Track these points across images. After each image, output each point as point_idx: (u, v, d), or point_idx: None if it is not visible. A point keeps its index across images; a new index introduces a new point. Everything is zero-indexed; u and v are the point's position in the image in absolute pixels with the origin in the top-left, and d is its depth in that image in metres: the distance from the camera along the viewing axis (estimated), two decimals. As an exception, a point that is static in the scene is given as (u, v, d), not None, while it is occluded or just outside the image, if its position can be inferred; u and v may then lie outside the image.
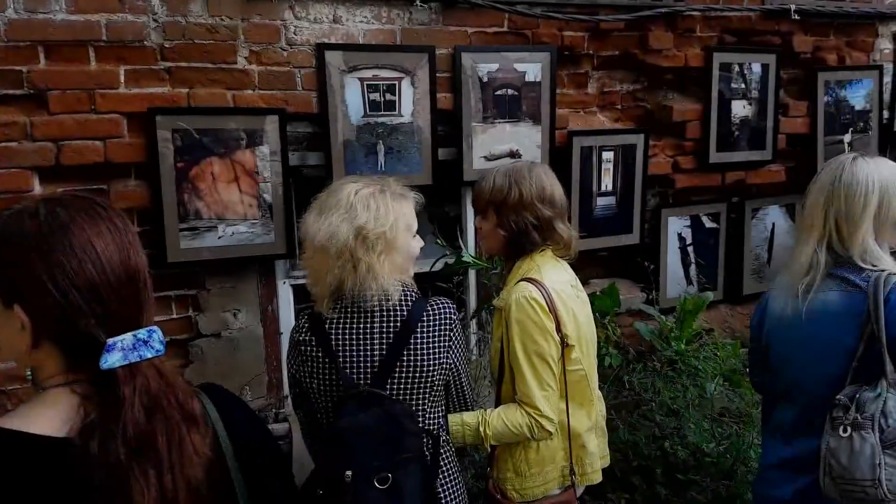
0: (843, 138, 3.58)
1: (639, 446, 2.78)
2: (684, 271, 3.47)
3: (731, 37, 3.39)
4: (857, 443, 1.50)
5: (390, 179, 1.68)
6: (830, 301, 1.60)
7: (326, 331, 1.56)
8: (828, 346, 1.61)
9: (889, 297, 1.53)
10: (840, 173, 1.64)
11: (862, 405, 1.52)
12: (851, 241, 1.60)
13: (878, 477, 1.48)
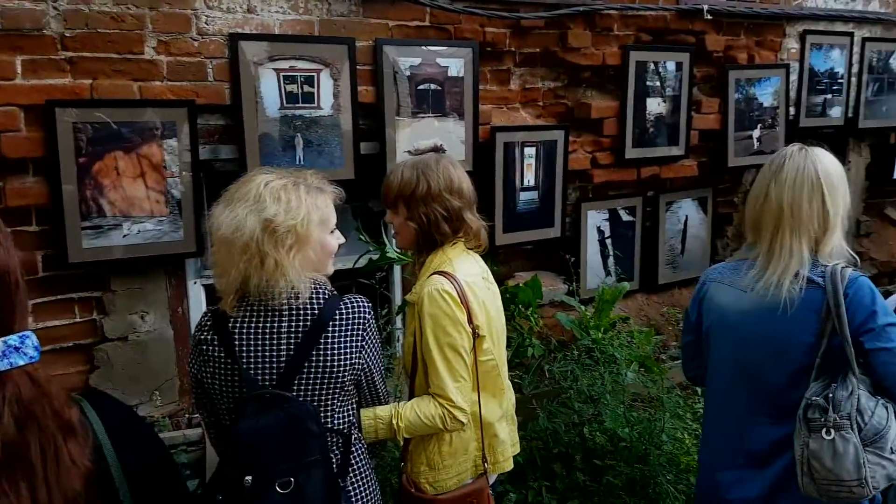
0: (752, 134, 3.75)
1: (559, 434, 2.84)
2: (603, 263, 3.57)
3: (647, 35, 3.49)
4: (839, 444, 1.51)
5: (308, 172, 1.64)
6: (790, 298, 1.60)
7: (230, 330, 1.51)
8: (787, 342, 1.62)
9: (847, 291, 1.55)
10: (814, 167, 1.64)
11: (838, 405, 1.53)
12: (829, 237, 1.62)
13: (863, 476, 1.50)
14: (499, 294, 1.98)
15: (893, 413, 1.53)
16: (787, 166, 1.66)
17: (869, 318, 1.53)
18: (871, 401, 1.52)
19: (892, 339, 1.53)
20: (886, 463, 1.50)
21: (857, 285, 1.56)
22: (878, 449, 1.50)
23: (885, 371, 1.54)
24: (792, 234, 1.62)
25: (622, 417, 2.78)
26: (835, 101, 4.07)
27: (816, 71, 3.96)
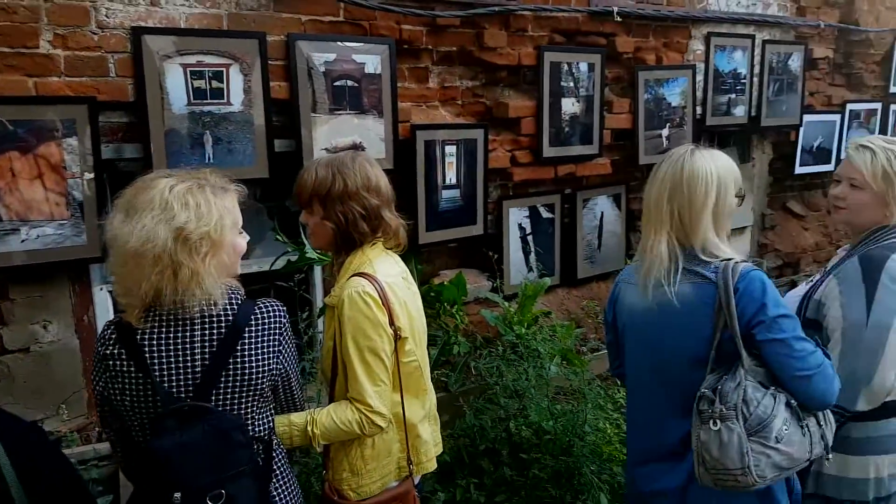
0: (661, 133, 3.89)
1: (485, 430, 2.85)
2: (525, 259, 3.62)
3: (561, 37, 3.57)
4: (724, 434, 1.56)
5: (207, 171, 1.55)
6: (683, 294, 1.64)
7: (138, 342, 1.43)
8: (685, 337, 1.66)
9: (738, 286, 1.59)
10: (680, 167, 1.68)
11: (725, 396, 1.57)
12: (694, 233, 1.66)
13: (747, 465, 1.54)
14: (419, 294, 1.96)
15: (784, 403, 1.57)
16: (662, 167, 1.72)
17: (759, 310, 1.57)
18: (758, 392, 1.56)
19: (784, 329, 1.57)
20: (771, 452, 1.54)
21: (748, 279, 1.59)
22: (763, 438, 1.54)
23: (776, 361, 1.58)
24: (656, 233, 1.68)
25: (546, 411, 2.81)
26: (738, 100, 4.28)
27: (721, 72, 4.15)
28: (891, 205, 1.85)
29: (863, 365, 1.75)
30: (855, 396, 1.77)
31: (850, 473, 1.88)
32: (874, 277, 1.76)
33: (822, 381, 1.58)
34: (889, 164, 1.82)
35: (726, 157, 1.74)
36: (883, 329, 1.74)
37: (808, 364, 1.57)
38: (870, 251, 1.83)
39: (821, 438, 1.62)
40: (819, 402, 1.60)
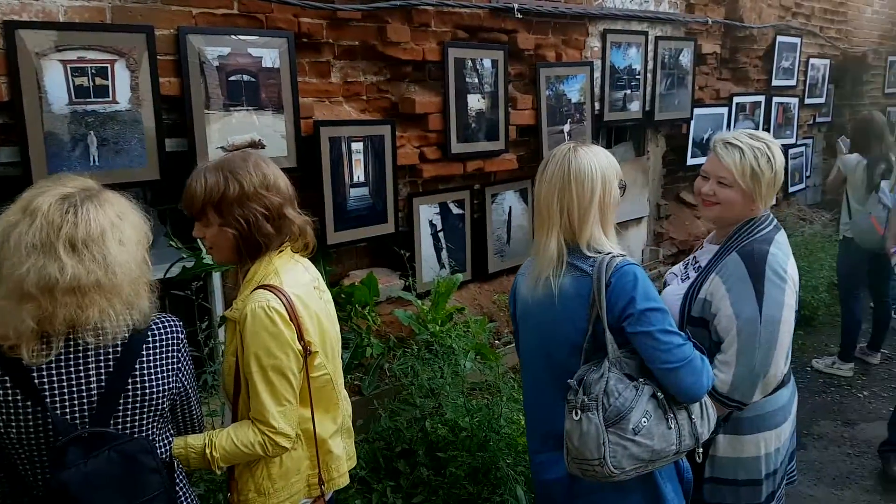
0: (563, 128, 3.97)
1: (401, 431, 2.81)
2: (437, 256, 3.60)
3: (464, 32, 3.57)
4: (584, 424, 1.59)
5: (90, 182, 1.42)
6: (565, 287, 1.70)
7: (25, 368, 1.30)
8: (565, 329, 1.71)
9: (610, 280, 1.64)
10: (567, 165, 1.72)
11: (588, 387, 1.61)
12: (582, 229, 1.70)
13: (603, 455, 1.57)
14: (332, 301, 1.88)
15: (648, 396, 1.62)
16: (549, 167, 1.75)
17: (629, 303, 1.62)
18: (620, 384, 1.61)
19: (652, 322, 1.61)
20: (628, 444, 1.58)
21: (621, 273, 1.63)
22: (620, 430, 1.58)
23: (645, 353, 1.63)
24: (547, 230, 1.72)
25: (462, 407, 2.80)
26: (634, 95, 4.43)
27: (617, 68, 4.29)
28: (758, 200, 1.92)
29: (760, 360, 1.82)
30: (753, 390, 1.85)
31: (745, 453, 1.96)
32: (759, 273, 1.83)
33: (690, 373, 1.63)
34: (756, 162, 1.89)
35: (606, 152, 1.79)
36: (775, 323, 1.82)
37: (675, 357, 1.62)
38: (748, 246, 1.89)
39: (690, 433, 1.66)
40: (687, 394, 1.65)
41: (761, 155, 1.90)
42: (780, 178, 1.94)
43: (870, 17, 7.36)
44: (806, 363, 4.91)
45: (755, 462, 1.96)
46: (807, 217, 6.81)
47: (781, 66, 5.91)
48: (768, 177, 1.90)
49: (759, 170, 1.89)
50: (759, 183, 1.90)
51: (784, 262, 1.86)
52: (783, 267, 1.84)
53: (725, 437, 1.95)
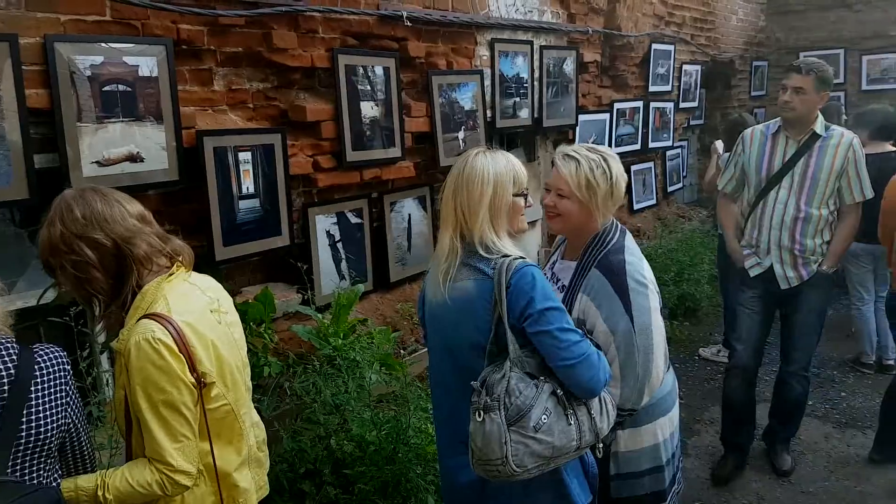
0: (458, 135, 3.99)
1: (305, 451, 2.71)
2: (336, 267, 3.52)
3: (353, 39, 3.52)
4: (487, 425, 1.61)
5: None
6: (466, 289, 1.71)
7: None
8: (469, 330, 1.72)
9: (510, 282, 1.66)
10: (463, 167, 1.78)
11: (490, 387, 1.63)
12: (472, 228, 1.73)
13: (505, 455, 1.59)
14: (238, 323, 1.78)
15: (549, 393, 1.66)
16: (452, 169, 1.82)
17: (528, 304, 1.66)
18: (521, 382, 1.64)
19: (550, 321, 1.66)
20: (530, 441, 1.61)
21: (520, 274, 1.66)
22: (521, 428, 1.61)
23: (545, 352, 1.68)
24: (446, 229, 1.77)
25: (369, 421, 2.74)
26: (523, 103, 4.54)
27: (506, 76, 4.37)
28: (595, 212, 1.99)
29: (642, 367, 1.90)
30: (641, 396, 1.93)
31: (645, 443, 2.05)
32: (622, 285, 1.91)
33: (587, 369, 1.68)
34: (591, 173, 1.95)
35: (508, 159, 1.82)
36: (648, 329, 1.90)
37: (573, 353, 1.66)
38: (604, 260, 1.96)
39: (590, 428, 1.71)
40: (585, 389, 1.70)
41: (596, 167, 1.95)
42: (619, 190, 2.00)
43: (735, 25, 7.94)
44: (693, 352, 5.20)
45: (655, 450, 2.06)
46: (685, 214, 7.24)
47: (657, 73, 6.24)
48: (604, 188, 1.95)
49: (594, 181, 1.94)
50: (595, 194, 1.95)
51: (640, 267, 1.96)
52: (641, 273, 1.94)
53: (625, 431, 2.03)
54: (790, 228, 3.20)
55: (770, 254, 3.27)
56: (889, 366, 4.57)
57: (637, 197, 6.39)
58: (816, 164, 3.14)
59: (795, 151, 3.18)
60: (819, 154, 3.14)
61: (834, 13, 8.35)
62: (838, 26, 8.33)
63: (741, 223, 3.45)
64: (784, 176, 3.19)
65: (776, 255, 3.26)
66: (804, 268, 3.23)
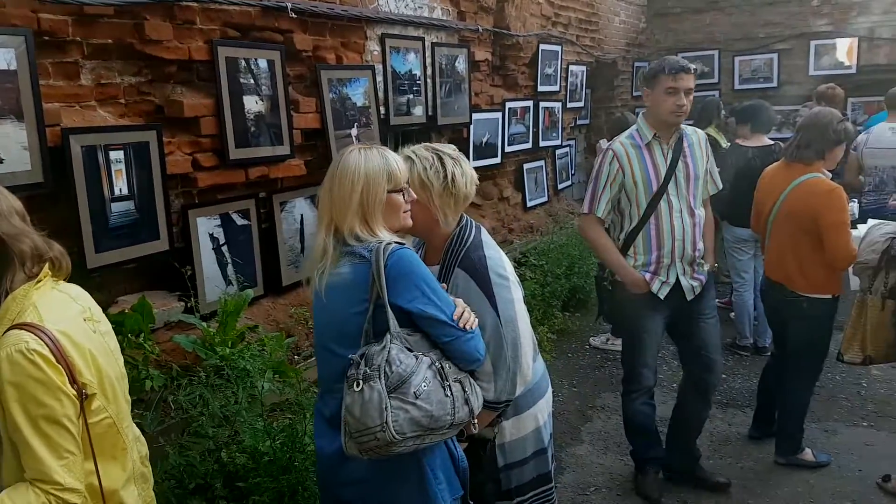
0: (350, 132, 3.91)
1: (194, 466, 2.56)
2: (222, 272, 3.34)
3: (234, 31, 3.36)
4: (366, 393, 1.62)
5: None
6: (343, 275, 1.75)
7: None
8: (346, 316, 1.75)
9: (388, 261, 1.71)
10: (337, 164, 1.82)
11: (370, 358, 1.66)
12: (343, 225, 1.77)
13: (385, 420, 1.60)
14: (111, 332, 1.66)
15: (427, 365, 1.71)
16: (330, 166, 1.86)
17: (407, 283, 1.72)
18: (402, 353, 1.69)
19: (429, 299, 1.73)
20: (409, 407, 1.65)
21: (397, 256, 1.72)
22: (402, 394, 1.64)
23: (428, 328, 1.75)
24: (321, 226, 1.82)
25: (262, 432, 2.62)
26: (416, 100, 4.51)
27: (398, 73, 4.33)
28: (436, 211, 2.00)
29: (512, 358, 1.94)
30: (514, 386, 1.96)
31: (528, 429, 2.14)
32: (485, 281, 1.95)
33: (469, 340, 1.78)
34: (425, 172, 1.98)
35: (384, 155, 1.84)
36: (513, 321, 1.95)
37: (455, 328, 1.75)
38: (465, 259, 1.99)
39: (465, 402, 1.76)
40: (469, 358, 1.80)
41: (430, 166, 1.98)
42: (460, 189, 2.00)
43: (617, 27, 8.28)
44: (584, 342, 5.38)
45: (538, 433, 2.16)
46: (575, 210, 7.47)
47: (545, 73, 6.40)
48: (437, 187, 1.98)
49: (427, 180, 1.97)
50: (430, 193, 1.98)
51: (500, 260, 2.01)
52: (502, 266, 2.00)
53: (509, 421, 2.11)
54: (691, 235, 3.08)
55: (673, 268, 3.09)
56: (765, 348, 4.89)
57: (530, 195, 6.53)
58: (693, 163, 3.08)
59: (672, 156, 3.06)
60: (690, 152, 3.09)
61: (708, 16, 8.90)
62: (712, 28, 8.89)
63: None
64: (668, 183, 3.04)
65: (679, 267, 3.09)
66: (699, 272, 3.16)
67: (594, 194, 3.12)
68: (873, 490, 3.32)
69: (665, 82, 2.96)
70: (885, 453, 3.63)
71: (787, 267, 3.33)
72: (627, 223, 3.13)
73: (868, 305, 3.16)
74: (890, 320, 3.12)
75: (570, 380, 4.74)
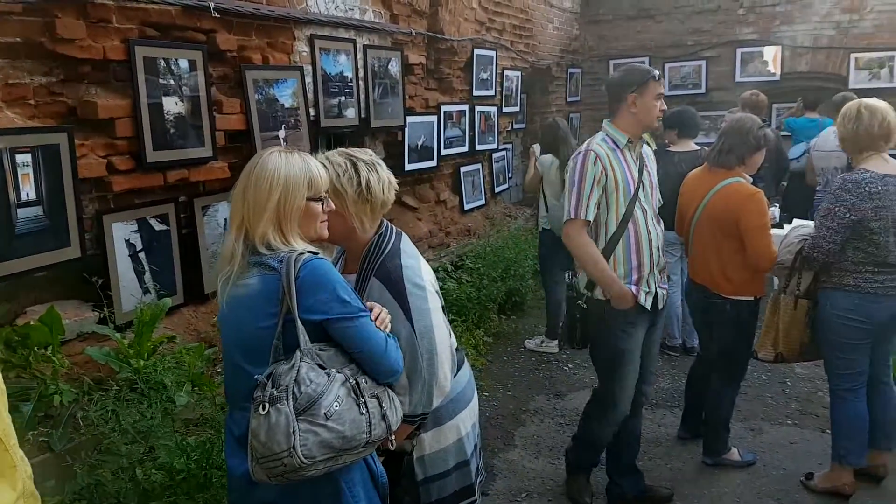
0: (278, 134, 3.81)
1: (105, 485, 2.43)
2: (139, 280, 3.20)
3: (153, 30, 3.23)
4: (272, 417, 1.54)
5: None
6: (251, 286, 1.67)
7: None
8: (253, 331, 1.67)
9: (300, 273, 1.63)
10: (255, 165, 1.73)
11: (277, 379, 1.58)
12: (256, 231, 1.69)
13: (293, 445, 1.53)
14: None
15: (340, 382, 1.63)
16: (245, 167, 1.76)
17: (321, 295, 1.65)
18: (312, 371, 1.60)
19: (346, 310, 1.66)
20: (320, 429, 1.57)
21: (310, 267, 1.65)
22: (311, 416, 1.57)
23: (345, 340, 1.68)
24: (231, 229, 1.73)
25: (177, 447, 2.51)
26: (348, 102, 4.44)
27: (329, 74, 4.25)
28: (351, 219, 1.96)
29: (428, 370, 1.89)
30: (431, 399, 1.92)
31: (449, 440, 2.06)
32: (401, 292, 1.90)
33: (392, 352, 1.73)
34: (338, 179, 1.93)
35: (306, 160, 1.77)
36: (428, 331, 1.89)
37: (373, 340, 1.70)
38: (382, 267, 1.94)
39: (382, 419, 1.70)
40: (387, 371, 1.74)
41: (343, 172, 1.95)
42: (375, 195, 1.95)
43: (551, 33, 8.39)
44: (520, 345, 5.40)
45: (459, 444, 2.08)
46: (512, 214, 7.53)
47: (481, 78, 6.42)
48: (351, 194, 1.93)
49: (340, 187, 1.93)
50: (343, 199, 1.94)
51: (417, 269, 1.95)
52: (419, 275, 1.93)
53: (428, 433, 2.03)
54: (660, 242, 3.05)
55: (651, 276, 3.00)
56: (693, 348, 4.99)
57: (467, 198, 6.54)
58: (651, 170, 3.08)
59: (639, 163, 3.01)
60: (648, 160, 3.10)
61: (639, 23, 9.11)
62: (643, 35, 9.11)
63: None
64: (640, 189, 2.97)
65: (655, 276, 3.02)
66: (663, 280, 3.11)
67: (580, 197, 2.89)
68: (797, 488, 3.40)
69: (655, 88, 2.94)
70: (807, 451, 3.74)
71: (711, 269, 3.40)
72: (604, 232, 2.96)
73: (781, 305, 3.26)
74: (803, 320, 3.23)
75: (505, 383, 4.74)
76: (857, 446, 3.22)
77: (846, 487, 3.27)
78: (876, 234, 2.97)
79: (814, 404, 4.29)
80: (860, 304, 3.05)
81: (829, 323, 3.14)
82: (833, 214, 3.02)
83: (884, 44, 7.83)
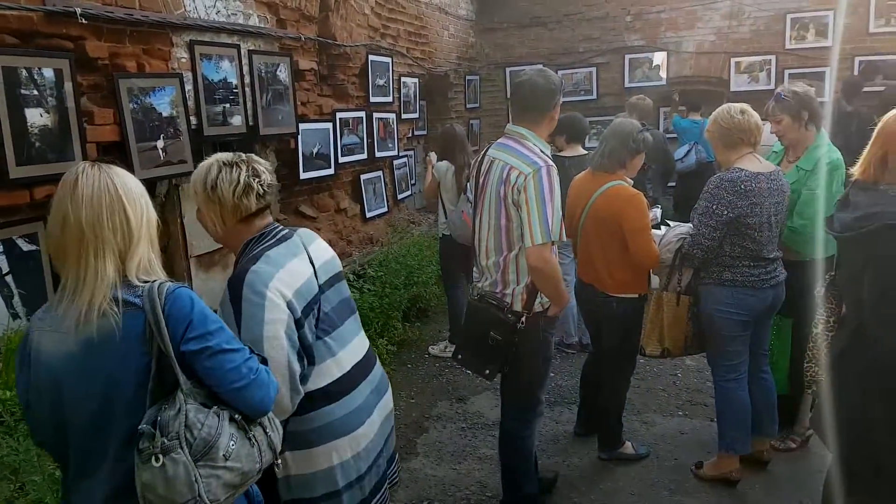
0: (156, 144, 3.64)
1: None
2: (6, 305, 2.97)
3: (14, 38, 3.01)
4: (170, 468, 1.43)
5: None
6: (110, 327, 1.49)
7: None
8: (118, 376, 1.51)
9: (165, 307, 1.50)
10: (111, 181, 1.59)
11: (165, 427, 1.45)
12: (134, 253, 1.55)
13: (197, 493, 1.45)
14: None
15: (228, 418, 1.55)
16: (82, 183, 1.56)
17: (188, 328, 1.53)
18: (200, 413, 1.51)
19: (213, 345, 1.54)
20: (221, 472, 1.51)
21: (175, 297, 1.53)
22: (211, 460, 1.49)
23: (211, 377, 1.55)
24: (97, 255, 1.51)
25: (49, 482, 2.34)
26: (234, 110, 4.30)
27: (211, 81, 4.10)
28: (204, 218, 1.97)
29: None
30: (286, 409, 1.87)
31: (318, 466, 1.97)
32: (238, 296, 1.84)
33: (258, 388, 1.60)
34: (196, 178, 1.97)
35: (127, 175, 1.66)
36: (256, 341, 1.80)
37: (241, 374, 1.57)
38: (235, 272, 1.92)
39: (268, 446, 1.64)
40: (258, 409, 1.61)
41: (199, 174, 1.96)
42: (225, 197, 1.91)
43: (447, 41, 8.46)
44: (424, 351, 5.41)
45: (330, 473, 1.98)
46: (415, 220, 7.55)
47: (377, 84, 6.39)
48: (201, 195, 1.95)
49: (195, 188, 1.96)
50: (198, 199, 1.96)
51: (266, 280, 1.85)
52: (265, 285, 1.84)
53: (294, 454, 1.95)
54: None
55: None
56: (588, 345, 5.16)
57: (369, 205, 6.48)
58: None
59: None
60: None
61: (532, 31, 9.35)
62: (537, 43, 9.35)
63: None
64: None
65: None
66: None
67: (549, 217, 2.64)
68: (688, 477, 3.56)
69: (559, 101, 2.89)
70: (697, 440, 3.93)
71: (597, 269, 3.52)
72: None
73: (664, 302, 3.42)
74: (686, 315, 3.39)
75: (409, 391, 4.74)
76: (742, 434, 3.41)
77: (733, 474, 3.45)
78: (752, 229, 3.15)
79: (703, 394, 4.51)
80: (739, 297, 3.23)
81: (711, 317, 3.31)
82: (711, 212, 3.18)
83: (761, 48, 8.39)
